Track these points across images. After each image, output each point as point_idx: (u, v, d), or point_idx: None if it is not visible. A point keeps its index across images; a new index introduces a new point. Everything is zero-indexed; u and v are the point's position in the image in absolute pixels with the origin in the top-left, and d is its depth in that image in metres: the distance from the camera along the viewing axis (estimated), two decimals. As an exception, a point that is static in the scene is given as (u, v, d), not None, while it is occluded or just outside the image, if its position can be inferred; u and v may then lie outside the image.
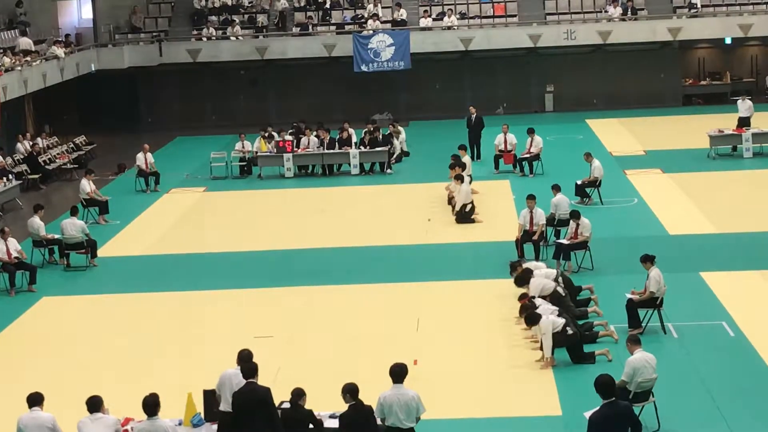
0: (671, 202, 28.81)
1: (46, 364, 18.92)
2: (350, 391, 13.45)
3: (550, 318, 17.63)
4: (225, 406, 13.84)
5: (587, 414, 13.49)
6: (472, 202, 27.69)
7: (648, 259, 18.91)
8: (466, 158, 30.53)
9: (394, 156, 35.98)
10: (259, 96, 46.87)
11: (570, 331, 17.55)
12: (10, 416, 14.53)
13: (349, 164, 34.73)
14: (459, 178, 27.84)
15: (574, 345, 17.60)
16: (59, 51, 40.11)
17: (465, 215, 27.43)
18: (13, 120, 39.37)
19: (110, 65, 44.58)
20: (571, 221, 22.99)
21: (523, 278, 19.68)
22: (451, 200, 28.71)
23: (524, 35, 44.73)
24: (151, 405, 13.15)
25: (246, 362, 13.83)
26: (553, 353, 17.48)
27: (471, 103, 38.89)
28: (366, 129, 35.58)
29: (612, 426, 12.41)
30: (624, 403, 13.02)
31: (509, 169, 33.43)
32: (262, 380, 14.46)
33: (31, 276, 23.51)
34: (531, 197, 23.91)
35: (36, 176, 35.14)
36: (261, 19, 46.68)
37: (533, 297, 18.99)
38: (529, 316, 17.95)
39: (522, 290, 19.85)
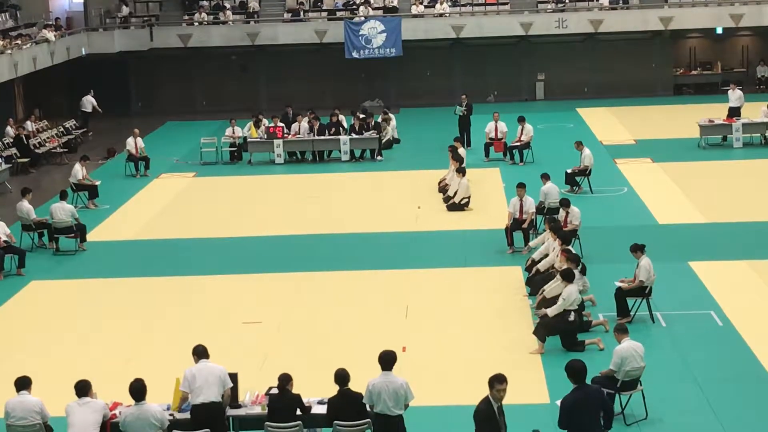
0: (661, 191, 28.84)
1: (34, 348, 18.89)
2: (340, 377, 13.48)
3: (576, 289, 17.78)
4: (198, 398, 13.69)
5: (559, 402, 13.63)
6: (469, 197, 27.61)
7: (638, 248, 18.94)
8: (461, 150, 30.51)
9: (385, 140, 36.02)
10: (249, 82, 46.81)
11: (571, 318, 17.58)
12: (-2, 400, 14.55)
13: (340, 151, 34.70)
14: (461, 171, 27.77)
15: (570, 332, 17.62)
16: (49, 35, 39.98)
17: (458, 205, 27.40)
18: (3, 104, 39.25)
19: (101, 49, 44.48)
20: (560, 210, 23.00)
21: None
22: (443, 188, 28.67)
23: (516, 23, 44.73)
24: (138, 390, 13.17)
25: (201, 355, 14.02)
26: (544, 341, 17.52)
27: (462, 92, 38.90)
28: (355, 115, 35.58)
29: (583, 410, 12.52)
30: (594, 387, 13.10)
31: (499, 157, 33.43)
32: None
33: (19, 260, 23.47)
34: (521, 185, 23.91)
35: (25, 160, 35.05)
36: (252, 4, 46.58)
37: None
38: (567, 272, 17.88)
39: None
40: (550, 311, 17.82)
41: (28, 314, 21.04)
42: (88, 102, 41.51)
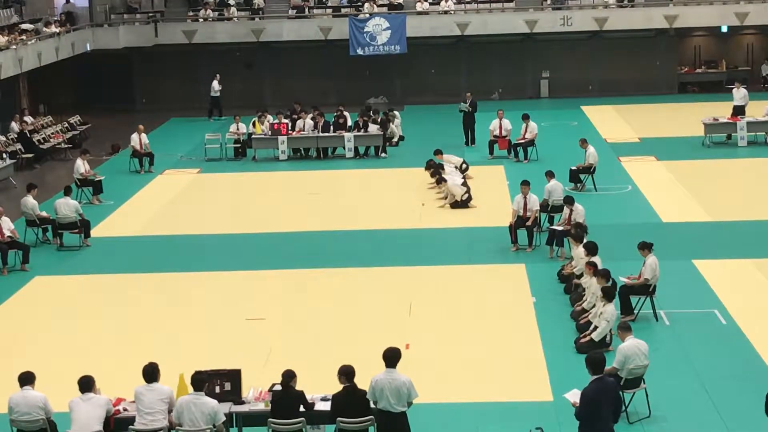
0: (665, 189, 28.82)
1: (38, 344, 18.91)
2: (345, 374, 13.48)
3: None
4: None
5: (567, 395, 13.86)
6: (468, 191, 27.60)
7: (646, 246, 18.94)
8: (443, 157, 30.39)
9: (395, 139, 36.04)
10: (254, 78, 46.80)
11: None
12: (2, 395, 14.57)
13: (344, 147, 34.70)
14: (444, 180, 27.95)
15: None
16: (55, 30, 39.96)
17: (462, 203, 27.40)
18: (8, 99, 39.26)
19: (105, 45, 44.46)
20: (564, 207, 23.00)
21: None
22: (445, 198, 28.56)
23: (520, 21, 44.70)
24: (150, 372, 13.24)
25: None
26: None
27: (466, 89, 38.89)
28: (360, 112, 35.59)
29: (601, 400, 12.69)
30: (610, 379, 13.31)
31: (504, 155, 33.42)
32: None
33: (23, 255, 23.48)
34: (525, 183, 23.88)
35: (30, 155, 35.06)
36: (257, 1, 46.58)
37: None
38: (608, 290, 17.42)
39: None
40: (596, 336, 17.24)
41: (31, 310, 21.05)
42: (215, 86, 42.78)
